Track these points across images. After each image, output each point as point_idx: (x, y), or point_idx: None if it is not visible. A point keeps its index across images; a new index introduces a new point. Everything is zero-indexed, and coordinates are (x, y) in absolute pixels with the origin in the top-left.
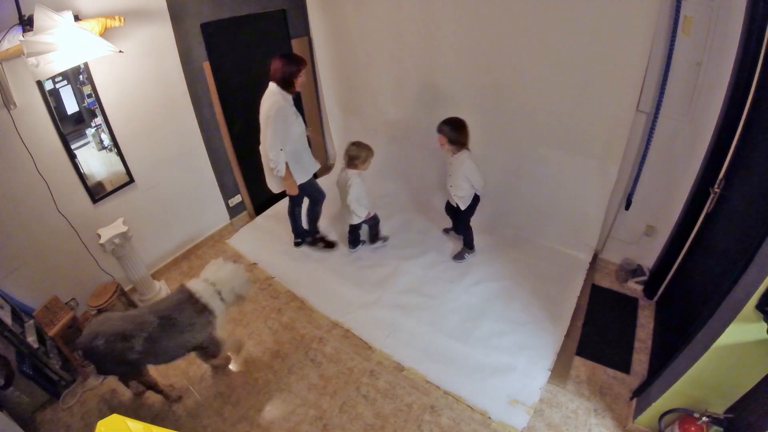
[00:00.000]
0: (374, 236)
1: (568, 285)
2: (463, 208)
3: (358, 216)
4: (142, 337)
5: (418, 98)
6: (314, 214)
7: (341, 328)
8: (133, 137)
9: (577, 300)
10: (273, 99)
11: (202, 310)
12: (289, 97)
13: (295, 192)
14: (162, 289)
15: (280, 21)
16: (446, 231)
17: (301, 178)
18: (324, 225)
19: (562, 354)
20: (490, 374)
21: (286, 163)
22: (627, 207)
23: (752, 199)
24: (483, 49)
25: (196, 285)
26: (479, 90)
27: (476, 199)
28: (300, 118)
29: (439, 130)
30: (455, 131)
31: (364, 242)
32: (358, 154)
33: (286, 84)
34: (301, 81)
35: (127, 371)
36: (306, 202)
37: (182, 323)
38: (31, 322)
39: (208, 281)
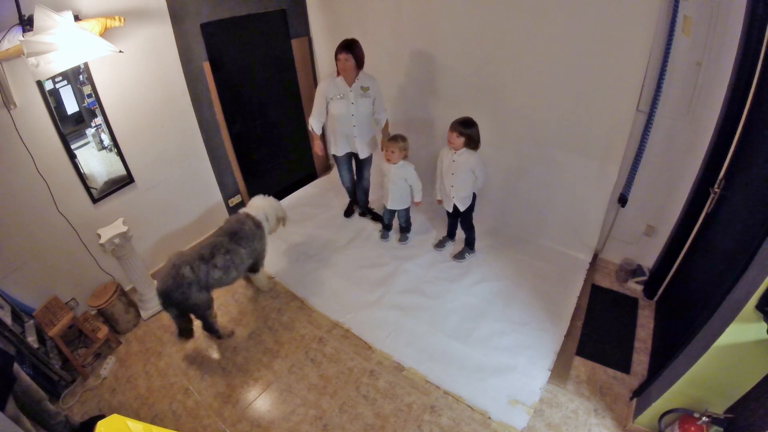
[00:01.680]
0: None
1: (568, 285)
2: (463, 208)
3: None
4: (221, 252)
5: (417, 98)
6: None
7: (341, 328)
8: (133, 137)
9: (577, 300)
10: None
11: (258, 224)
12: (338, 80)
13: (315, 150)
14: None
15: (280, 21)
16: (440, 245)
17: (332, 149)
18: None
19: (562, 354)
20: (490, 374)
21: (323, 131)
22: (623, 204)
23: (752, 200)
24: (483, 49)
25: (249, 209)
26: (480, 90)
27: (474, 196)
28: (345, 102)
29: (460, 132)
30: (477, 131)
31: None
32: None
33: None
34: (340, 66)
35: (208, 300)
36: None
37: (247, 233)
38: (31, 322)
39: (258, 207)
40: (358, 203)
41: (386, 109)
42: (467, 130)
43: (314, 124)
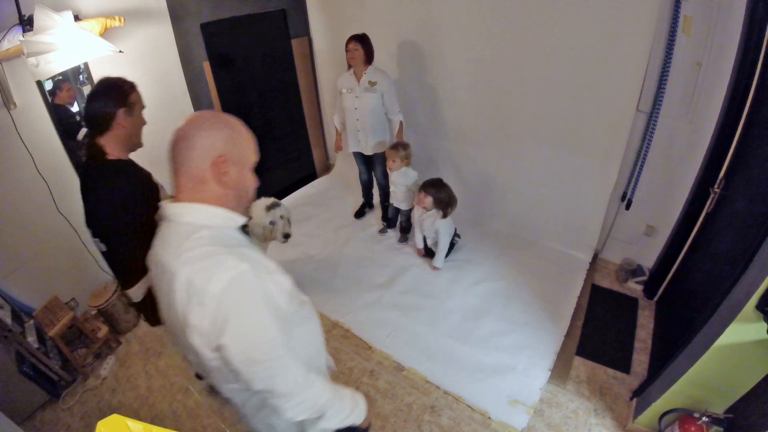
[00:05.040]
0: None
1: (568, 285)
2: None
3: None
4: None
5: (417, 98)
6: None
7: (341, 328)
8: None
9: (577, 300)
10: None
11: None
12: (349, 74)
13: (335, 148)
14: None
15: (280, 21)
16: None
17: (347, 146)
18: None
19: (562, 354)
20: (490, 374)
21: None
22: (627, 207)
23: (752, 199)
24: (484, 49)
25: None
26: (480, 90)
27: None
28: (352, 96)
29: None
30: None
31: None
32: None
33: None
34: (349, 56)
35: None
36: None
37: None
38: (31, 322)
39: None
40: (371, 206)
41: (400, 110)
42: (434, 191)
43: (335, 118)
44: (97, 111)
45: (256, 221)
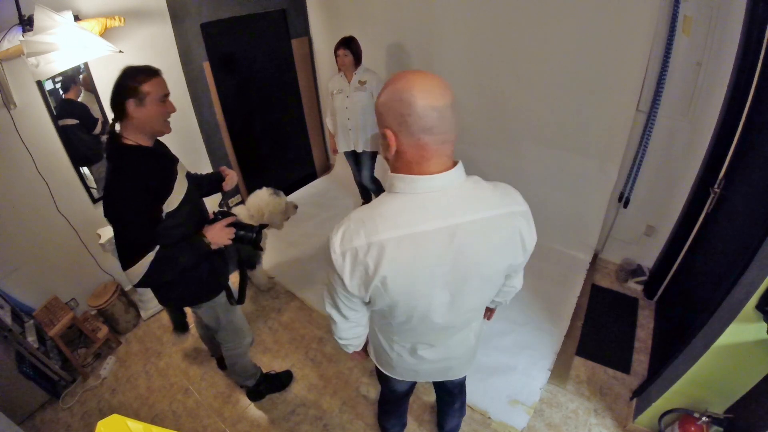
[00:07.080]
0: None
1: (568, 285)
2: None
3: None
4: None
5: None
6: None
7: None
8: None
9: (577, 300)
10: None
11: None
12: (340, 76)
13: (331, 150)
14: None
15: (280, 21)
16: None
17: (339, 147)
18: None
19: (562, 354)
20: (490, 374)
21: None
22: (624, 204)
23: (752, 199)
24: (483, 49)
25: (237, 208)
26: (479, 90)
27: None
28: (342, 96)
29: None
30: None
31: None
32: None
33: None
34: (339, 62)
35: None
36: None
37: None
38: (31, 322)
39: (247, 206)
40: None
41: None
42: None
43: (328, 121)
44: (112, 100)
45: (272, 210)
